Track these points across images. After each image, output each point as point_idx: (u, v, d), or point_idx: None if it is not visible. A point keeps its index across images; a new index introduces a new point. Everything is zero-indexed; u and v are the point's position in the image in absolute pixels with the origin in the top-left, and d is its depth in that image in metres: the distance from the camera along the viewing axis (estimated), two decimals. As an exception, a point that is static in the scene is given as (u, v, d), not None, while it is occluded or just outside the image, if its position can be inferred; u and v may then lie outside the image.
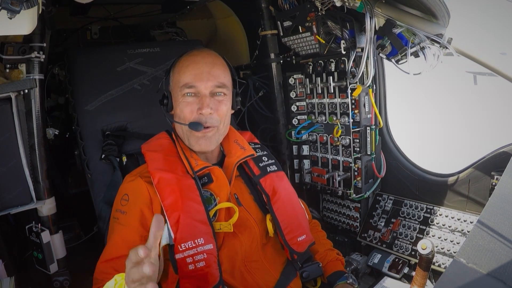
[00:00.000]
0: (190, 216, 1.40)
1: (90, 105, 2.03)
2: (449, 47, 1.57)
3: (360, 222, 2.27)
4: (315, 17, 1.99)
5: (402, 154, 2.21)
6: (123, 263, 1.36)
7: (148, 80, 2.22)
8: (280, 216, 1.56)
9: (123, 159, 1.84)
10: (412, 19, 1.61)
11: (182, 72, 1.52)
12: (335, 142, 2.18)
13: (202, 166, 1.51)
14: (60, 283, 1.84)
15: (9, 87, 1.64)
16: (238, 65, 2.76)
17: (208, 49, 1.62)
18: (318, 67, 2.19)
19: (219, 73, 1.53)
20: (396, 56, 1.67)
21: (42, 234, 1.73)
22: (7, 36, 1.58)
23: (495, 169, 1.78)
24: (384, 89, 2.18)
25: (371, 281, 1.99)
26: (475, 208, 1.89)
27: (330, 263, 1.66)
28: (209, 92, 1.50)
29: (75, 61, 2.11)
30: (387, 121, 2.24)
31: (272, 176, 1.65)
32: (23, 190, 1.71)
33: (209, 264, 1.36)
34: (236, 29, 2.77)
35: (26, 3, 1.09)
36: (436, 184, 2.04)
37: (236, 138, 1.70)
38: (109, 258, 1.40)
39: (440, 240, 1.91)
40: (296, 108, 2.40)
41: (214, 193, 1.51)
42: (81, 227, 2.77)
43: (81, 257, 2.15)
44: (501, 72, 1.53)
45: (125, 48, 2.26)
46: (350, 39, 1.91)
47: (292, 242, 1.56)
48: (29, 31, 1.29)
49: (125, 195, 1.50)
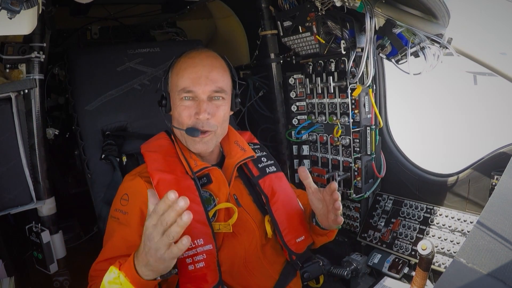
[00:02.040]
0: (189, 216, 1.39)
1: (90, 105, 2.03)
2: (449, 47, 1.57)
3: (360, 222, 2.27)
4: (315, 17, 1.99)
5: (402, 154, 2.21)
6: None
7: (148, 80, 2.22)
8: (279, 217, 1.56)
9: (123, 159, 1.84)
10: (412, 19, 1.61)
11: (180, 75, 1.51)
12: (335, 142, 2.18)
13: (201, 166, 1.51)
14: (60, 283, 1.84)
15: (9, 87, 1.64)
16: (238, 65, 2.75)
17: (207, 50, 1.61)
18: (318, 67, 2.19)
19: (218, 77, 1.51)
20: (396, 56, 1.67)
21: (42, 234, 1.74)
22: (7, 36, 1.58)
23: (495, 169, 1.78)
24: (384, 89, 2.18)
25: (371, 281, 1.99)
26: (475, 208, 1.89)
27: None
28: (207, 97, 1.50)
29: (75, 61, 2.11)
30: (387, 121, 2.24)
31: (271, 177, 1.65)
32: (23, 190, 1.71)
33: (208, 264, 1.37)
34: (236, 29, 2.77)
35: (26, 3, 1.09)
36: (436, 184, 2.04)
37: (236, 139, 1.70)
38: (107, 257, 1.39)
39: (440, 240, 1.91)
40: (296, 108, 2.40)
41: (213, 194, 1.51)
42: (81, 227, 2.77)
43: (81, 257, 2.15)
44: (501, 72, 1.53)
45: (125, 48, 2.26)
46: (350, 39, 1.91)
47: (291, 243, 1.56)
48: (29, 31, 1.30)
49: (125, 194, 1.50)
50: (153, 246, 1.07)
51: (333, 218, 1.45)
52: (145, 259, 1.11)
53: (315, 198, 1.48)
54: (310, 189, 1.48)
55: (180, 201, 1.02)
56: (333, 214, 1.44)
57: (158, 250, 1.06)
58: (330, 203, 1.43)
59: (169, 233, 1.04)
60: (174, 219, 1.03)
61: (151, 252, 1.08)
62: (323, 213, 1.48)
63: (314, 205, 1.50)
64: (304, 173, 1.46)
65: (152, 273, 1.15)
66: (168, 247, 1.06)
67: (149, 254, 1.09)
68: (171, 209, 1.03)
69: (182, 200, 1.02)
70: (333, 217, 1.45)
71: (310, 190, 1.48)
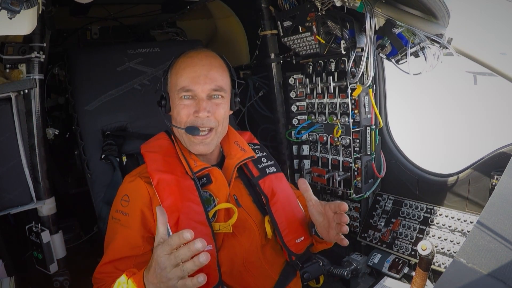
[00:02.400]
0: (189, 217, 1.40)
1: (90, 105, 2.03)
2: (449, 47, 1.57)
3: (360, 222, 2.27)
4: (315, 17, 1.99)
5: (402, 154, 2.21)
6: (126, 263, 1.38)
7: (148, 80, 2.22)
8: (279, 218, 1.56)
9: (123, 159, 1.84)
10: (412, 19, 1.61)
11: (180, 75, 1.51)
12: (335, 142, 2.18)
13: (201, 167, 1.51)
14: (60, 283, 1.84)
15: (9, 87, 1.64)
16: (238, 65, 2.75)
17: (206, 50, 1.61)
18: (318, 67, 2.19)
19: (217, 76, 1.52)
20: (396, 56, 1.67)
21: (42, 234, 1.73)
22: (7, 36, 1.58)
23: (495, 169, 1.78)
24: (384, 89, 2.18)
25: (371, 281, 1.99)
26: (475, 208, 1.89)
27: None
28: (206, 95, 1.50)
29: (75, 61, 2.11)
30: (387, 121, 2.24)
31: (271, 178, 1.65)
32: (23, 190, 1.71)
33: (208, 265, 1.35)
34: (236, 29, 2.77)
35: (26, 3, 1.09)
36: (436, 184, 2.04)
37: (236, 139, 1.70)
38: (112, 260, 1.40)
39: (440, 240, 1.91)
40: (296, 108, 2.40)
41: (213, 194, 1.51)
42: (81, 227, 2.77)
43: (81, 257, 2.15)
44: (501, 72, 1.53)
45: (125, 48, 2.26)
46: (350, 39, 1.91)
47: (291, 243, 1.56)
48: (29, 31, 1.30)
49: (125, 195, 1.50)
50: (165, 275, 1.08)
51: (335, 236, 1.41)
52: (155, 281, 1.12)
53: (315, 211, 1.45)
54: (310, 202, 1.45)
55: (197, 243, 1.04)
56: (336, 232, 1.40)
57: (171, 280, 1.08)
58: (333, 221, 1.39)
59: (184, 269, 1.06)
60: (189, 257, 1.05)
61: (163, 279, 1.09)
62: (323, 226, 1.45)
63: (314, 218, 1.47)
64: (304, 186, 1.44)
65: None
66: (180, 278, 1.08)
67: (160, 280, 1.10)
68: (187, 249, 1.05)
69: (200, 243, 1.04)
70: (335, 234, 1.41)
71: (310, 202, 1.45)
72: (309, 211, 1.47)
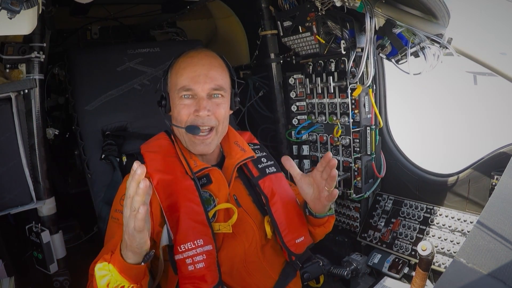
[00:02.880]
0: (189, 217, 1.40)
1: (90, 105, 2.03)
2: (449, 47, 1.57)
3: (360, 222, 2.27)
4: (315, 17, 1.99)
5: (402, 154, 2.21)
6: None
7: (148, 80, 2.22)
8: (279, 218, 1.56)
9: (123, 159, 1.84)
10: (412, 19, 1.61)
11: (180, 75, 1.51)
12: (335, 142, 2.18)
13: (201, 167, 1.51)
14: (60, 283, 1.84)
15: (9, 87, 1.64)
16: (238, 65, 2.76)
17: (206, 50, 1.62)
18: (318, 67, 2.19)
19: (217, 75, 1.52)
20: (396, 56, 1.67)
21: (42, 234, 1.73)
22: (7, 36, 1.58)
23: (495, 169, 1.78)
24: (384, 89, 2.18)
25: (371, 281, 1.99)
26: (475, 208, 1.89)
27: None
28: (206, 95, 1.50)
29: (75, 61, 2.11)
30: (387, 121, 2.24)
31: (271, 178, 1.64)
32: (23, 190, 1.71)
33: (208, 265, 1.37)
34: (236, 29, 2.77)
35: (26, 3, 1.09)
36: (436, 184, 2.04)
37: (236, 139, 1.70)
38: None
39: (440, 240, 1.91)
40: (296, 108, 2.40)
41: (213, 194, 1.51)
42: (81, 227, 2.77)
43: (81, 257, 2.15)
44: (501, 72, 1.53)
45: (125, 48, 2.26)
46: (350, 39, 1.91)
47: (290, 243, 1.56)
48: (29, 31, 1.30)
49: (125, 195, 1.49)
50: (125, 222, 1.12)
51: (326, 194, 1.43)
52: (124, 240, 1.16)
53: (304, 184, 1.48)
54: (297, 177, 1.48)
55: (138, 169, 1.05)
56: (327, 189, 1.41)
57: (128, 225, 1.11)
58: (321, 181, 1.41)
59: (132, 205, 1.08)
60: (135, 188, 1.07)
61: (125, 230, 1.13)
62: (315, 197, 1.47)
63: (304, 192, 1.50)
64: (289, 162, 1.46)
65: (132, 254, 1.19)
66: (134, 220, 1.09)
67: (125, 232, 1.14)
68: (132, 179, 1.06)
69: (139, 169, 1.05)
70: (326, 193, 1.43)
71: (297, 177, 1.48)
72: (298, 187, 1.49)
